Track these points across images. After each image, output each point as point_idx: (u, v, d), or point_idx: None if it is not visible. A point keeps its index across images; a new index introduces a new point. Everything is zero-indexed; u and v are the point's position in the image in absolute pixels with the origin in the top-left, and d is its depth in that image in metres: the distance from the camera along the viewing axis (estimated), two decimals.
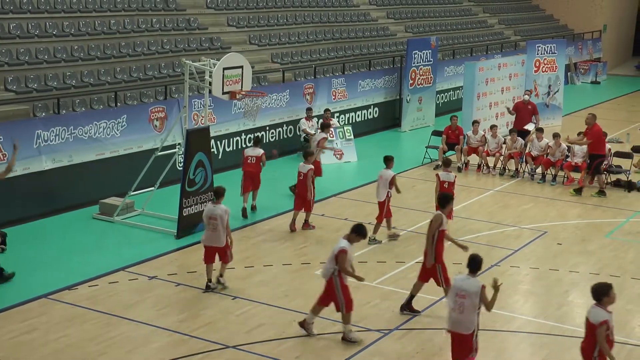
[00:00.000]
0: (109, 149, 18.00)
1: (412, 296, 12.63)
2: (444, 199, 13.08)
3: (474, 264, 9.99)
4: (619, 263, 15.11)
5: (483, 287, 9.85)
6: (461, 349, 9.97)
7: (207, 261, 13.09)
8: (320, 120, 23.08)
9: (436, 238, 12.31)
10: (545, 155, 20.92)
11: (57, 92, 18.36)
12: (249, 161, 17.29)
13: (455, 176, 16.79)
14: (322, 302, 11.60)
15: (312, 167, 16.31)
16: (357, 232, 11.55)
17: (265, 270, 14.13)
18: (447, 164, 16.61)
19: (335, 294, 11.39)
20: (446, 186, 16.25)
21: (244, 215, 16.91)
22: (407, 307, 12.61)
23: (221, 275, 13.26)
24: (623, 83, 41.39)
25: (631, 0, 48.74)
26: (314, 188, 16.33)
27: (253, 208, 17.38)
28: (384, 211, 15.74)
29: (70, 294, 12.88)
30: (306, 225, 16.36)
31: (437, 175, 16.75)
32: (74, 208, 17.05)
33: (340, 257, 11.29)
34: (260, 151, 17.31)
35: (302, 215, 16.37)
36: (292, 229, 16.20)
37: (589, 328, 9.35)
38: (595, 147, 19.59)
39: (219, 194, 13.17)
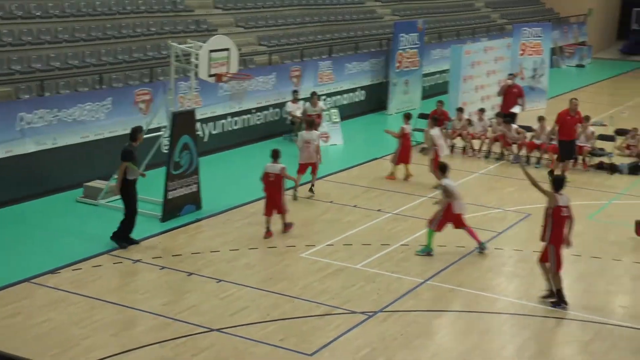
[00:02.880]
0: (94, 131, 17.82)
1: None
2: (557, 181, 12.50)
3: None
4: (601, 245, 15.11)
5: None
6: None
7: (300, 172, 17.09)
8: (307, 103, 22.97)
9: (551, 218, 12.15)
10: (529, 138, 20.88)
11: (41, 74, 18.11)
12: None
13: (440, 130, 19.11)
14: None
15: (284, 166, 15.00)
16: None
17: (250, 254, 14.04)
18: (435, 121, 19.20)
19: None
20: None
21: None
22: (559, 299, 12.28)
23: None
24: (607, 66, 41.40)
25: None
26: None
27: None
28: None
29: (54, 278, 12.75)
30: (287, 228, 15.04)
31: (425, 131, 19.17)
32: (57, 191, 16.89)
33: None
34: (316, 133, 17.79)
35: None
36: (267, 236, 14.79)
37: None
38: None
39: (311, 124, 17.50)
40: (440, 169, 14.74)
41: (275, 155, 15.16)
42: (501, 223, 16.06)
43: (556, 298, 12.26)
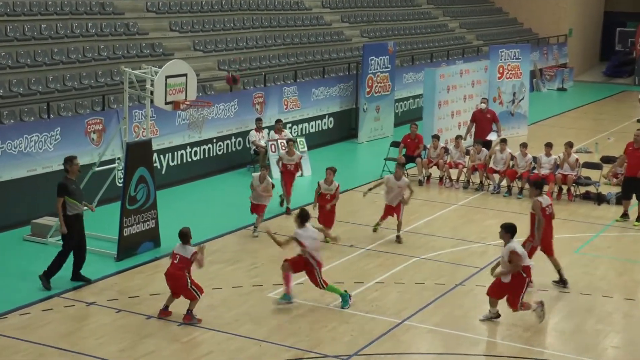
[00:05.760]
0: (42, 164, 17.78)
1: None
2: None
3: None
4: (589, 280, 15.32)
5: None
6: None
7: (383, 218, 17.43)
8: (271, 132, 23.13)
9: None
10: (510, 167, 21.17)
11: None
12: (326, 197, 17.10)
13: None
14: None
15: (196, 250, 12.95)
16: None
17: (213, 294, 14.04)
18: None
19: None
20: None
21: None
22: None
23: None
24: (590, 90, 42.13)
25: (597, 3, 49.69)
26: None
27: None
28: None
29: (0, 323, 12.65)
30: (188, 318, 12.86)
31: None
32: (3, 229, 16.80)
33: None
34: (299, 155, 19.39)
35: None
36: (162, 315, 13.00)
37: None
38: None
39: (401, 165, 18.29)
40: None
41: (185, 237, 13.05)
42: (482, 258, 16.24)
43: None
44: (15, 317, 12.93)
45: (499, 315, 13.16)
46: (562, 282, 14.79)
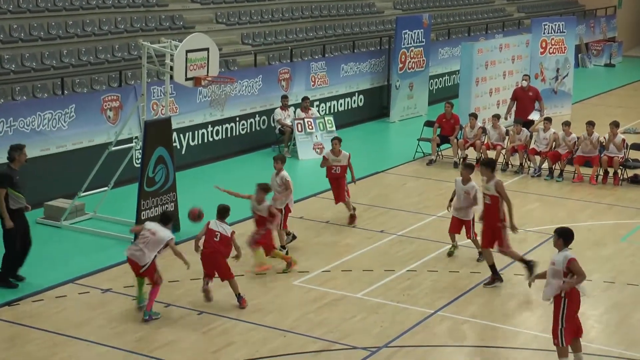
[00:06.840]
0: (55, 143, 17.92)
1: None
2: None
3: None
4: (637, 270, 15.22)
5: None
6: None
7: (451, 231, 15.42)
8: (298, 110, 23.14)
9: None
10: (552, 148, 21.00)
11: None
12: (332, 171, 17.09)
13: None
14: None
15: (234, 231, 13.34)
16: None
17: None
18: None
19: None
20: None
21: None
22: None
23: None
24: None
25: None
26: None
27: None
28: None
29: (11, 311, 12.81)
30: (244, 301, 13.19)
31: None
32: None
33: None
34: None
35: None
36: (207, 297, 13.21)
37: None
38: None
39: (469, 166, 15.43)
40: None
41: (225, 212, 13.58)
42: (521, 245, 16.13)
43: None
44: (27, 303, 13.07)
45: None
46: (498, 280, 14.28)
